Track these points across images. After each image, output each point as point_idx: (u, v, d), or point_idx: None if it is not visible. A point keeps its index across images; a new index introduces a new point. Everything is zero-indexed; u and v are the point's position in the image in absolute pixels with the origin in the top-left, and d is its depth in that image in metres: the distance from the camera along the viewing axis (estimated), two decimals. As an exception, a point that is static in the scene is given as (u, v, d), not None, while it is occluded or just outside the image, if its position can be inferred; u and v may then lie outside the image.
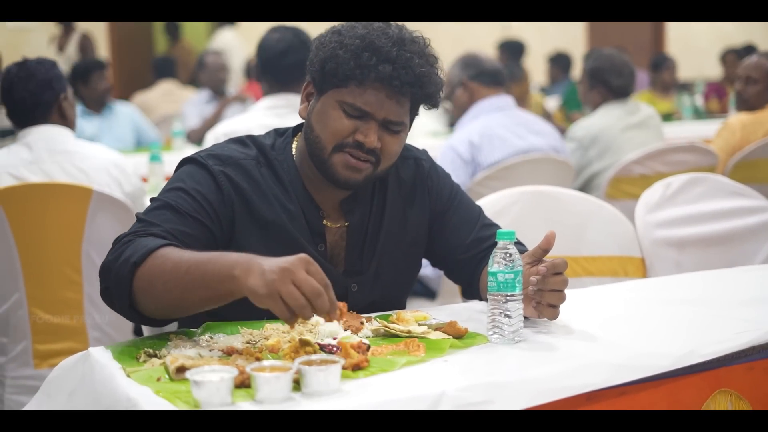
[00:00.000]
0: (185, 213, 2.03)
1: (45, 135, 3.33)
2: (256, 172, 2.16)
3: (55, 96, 3.34)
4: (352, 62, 2.07)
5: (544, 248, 1.99)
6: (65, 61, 9.55)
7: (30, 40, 9.73)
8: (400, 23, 2.18)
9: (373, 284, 2.25)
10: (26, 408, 1.87)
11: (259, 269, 1.69)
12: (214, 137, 3.82)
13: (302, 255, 1.70)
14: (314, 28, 2.58)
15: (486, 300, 2.19)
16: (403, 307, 2.32)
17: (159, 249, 1.86)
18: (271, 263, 1.69)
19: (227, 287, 1.74)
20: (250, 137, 2.25)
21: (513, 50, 9.68)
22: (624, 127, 4.85)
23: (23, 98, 3.31)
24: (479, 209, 2.40)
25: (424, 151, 2.41)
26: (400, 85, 2.08)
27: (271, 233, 2.15)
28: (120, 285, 1.88)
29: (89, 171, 3.33)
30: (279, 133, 2.28)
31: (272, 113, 3.85)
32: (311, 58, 2.16)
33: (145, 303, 1.89)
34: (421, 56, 2.12)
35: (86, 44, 9.89)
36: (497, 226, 2.34)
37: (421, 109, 2.23)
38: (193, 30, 12.18)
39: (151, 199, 2.09)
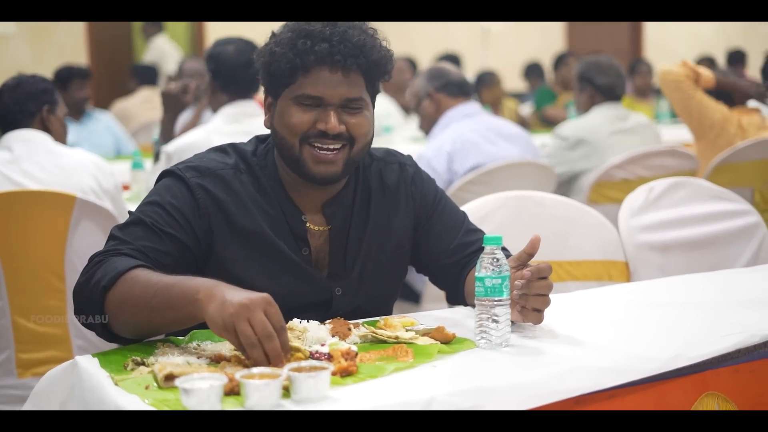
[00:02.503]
0: (158, 229, 2.05)
1: (24, 137, 3.40)
2: (235, 180, 2.17)
3: (39, 107, 3.45)
4: (290, 53, 2.10)
5: (530, 252, 1.99)
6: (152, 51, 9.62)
7: (9, 47, 9.68)
8: None
9: (357, 288, 2.24)
10: None
11: (221, 299, 1.73)
12: (174, 149, 3.84)
13: (264, 295, 1.73)
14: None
15: (471, 305, 2.20)
16: (389, 313, 2.32)
17: (128, 272, 1.90)
18: (233, 295, 1.72)
19: (190, 310, 1.78)
20: (231, 145, 2.25)
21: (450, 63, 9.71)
22: (612, 130, 4.88)
23: (8, 105, 3.44)
24: (464, 214, 2.40)
25: (409, 157, 2.41)
26: (342, 59, 2.10)
27: (253, 243, 2.15)
28: (92, 308, 1.92)
29: (69, 169, 3.38)
30: (260, 139, 2.28)
31: (230, 119, 3.92)
32: (260, 69, 2.19)
33: (117, 324, 1.92)
34: (356, 28, 2.14)
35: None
36: (482, 232, 2.35)
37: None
38: (172, 35, 12.13)
39: (129, 212, 2.11)
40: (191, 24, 11.62)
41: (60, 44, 10.08)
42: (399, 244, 2.31)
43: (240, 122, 3.91)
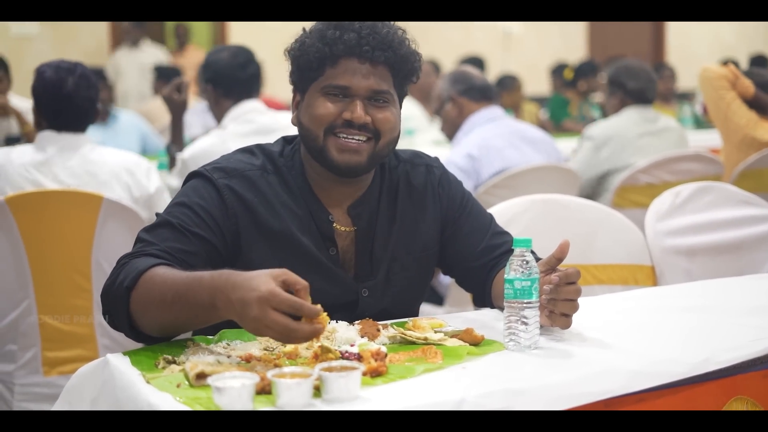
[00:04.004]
0: (185, 230, 2.05)
1: (61, 139, 3.39)
2: (263, 181, 2.17)
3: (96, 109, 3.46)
4: (318, 43, 2.12)
5: (558, 257, 1.99)
6: (139, 56, 9.66)
7: (32, 48, 9.73)
8: None
9: (383, 290, 2.25)
10: None
11: (240, 304, 1.70)
12: (190, 156, 3.86)
13: (273, 274, 1.71)
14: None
15: (498, 307, 2.20)
16: (415, 315, 2.32)
17: (148, 270, 1.90)
18: (241, 295, 1.69)
19: (213, 316, 1.79)
20: (258, 146, 2.27)
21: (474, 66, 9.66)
22: (641, 132, 4.88)
23: (78, 104, 3.39)
24: (491, 217, 2.40)
25: (436, 159, 2.42)
26: (371, 50, 2.11)
27: (280, 244, 2.15)
28: (118, 309, 1.92)
29: (100, 178, 3.37)
30: (287, 140, 2.29)
31: (241, 120, 3.93)
32: (290, 64, 2.20)
33: (143, 323, 1.92)
34: (386, 24, 2.17)
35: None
36: (508, 234, 2.35)
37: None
38: (198, 36, 12.15)
39: (156, 214, 2.12)
40: (213, 24, 11.63)
41: (83, 45, 10.12)
42: (426, 246, 2.31)
43: (251, 121, 3.92)
